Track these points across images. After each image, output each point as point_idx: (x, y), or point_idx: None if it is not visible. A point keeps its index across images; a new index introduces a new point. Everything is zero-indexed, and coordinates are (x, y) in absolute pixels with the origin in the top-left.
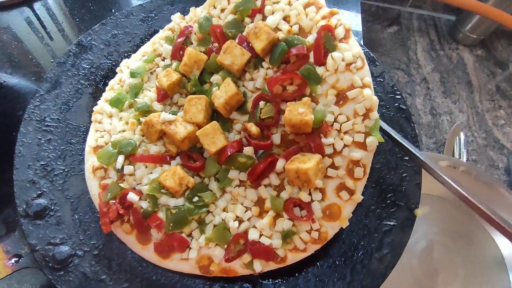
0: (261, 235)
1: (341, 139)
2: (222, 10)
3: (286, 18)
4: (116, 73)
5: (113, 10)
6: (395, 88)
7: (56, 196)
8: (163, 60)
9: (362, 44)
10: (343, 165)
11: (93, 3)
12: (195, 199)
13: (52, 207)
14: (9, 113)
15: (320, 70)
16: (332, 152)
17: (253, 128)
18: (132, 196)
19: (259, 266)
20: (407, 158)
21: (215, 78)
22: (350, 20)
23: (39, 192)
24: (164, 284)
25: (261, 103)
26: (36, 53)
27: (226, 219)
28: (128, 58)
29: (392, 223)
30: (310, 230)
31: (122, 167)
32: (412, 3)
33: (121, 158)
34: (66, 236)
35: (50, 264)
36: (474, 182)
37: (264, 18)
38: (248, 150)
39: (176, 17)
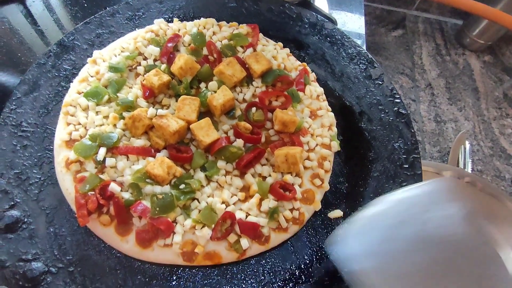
0: (247, 216)
1: (314, 140)
2: (214, 33)
3: (273, 57)
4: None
5: (107, 8)
6: (394, 92)
7: (30, 207)
8: (144, 59)
9: (365, 48)
10: (315, 159)
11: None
12: (182, 186)
13: (25, 219)
14: None
15: (300, 94)
16: (308, 149)
17: (247, 125)
18: (114, 186)
19: (246, 243)
20: (406, 166)
21: (211, 84)
22: (353, 22)
23: (12, 203)
24: None
25: (253, 109)
26: (26, 50)
27: (212, 202)
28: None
29: None
30: (292, 209)
31: (104, 159)
32: (418, 6)
33: (102, 151)
34: (40, 251)
35: (20, 283)
36: (479, 194)
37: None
38: (238, 142)
39: (161, 23)
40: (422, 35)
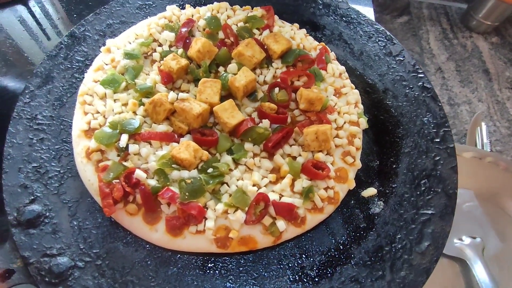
0: (280, 197)
1: (341, 118)
2: (228, 16)
3: (291, 37)
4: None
5: (111, 3)
6: (417, 67)
7: (51, 201)
8: (159, 46)
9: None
10: (345, 137)
11: None
12: (210, 170)
13: (47, 214)
14: (3, 114)
15: (322, 73)
16: (336, 127)
17: (272, 105)
18: (139, 173)
19: (283, 225)
20: (438, 140)
21: (231, 66)
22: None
23: (32, 197)
24: None
25: (276, 89)
26: (32, 51)
27: (243, 185)
28: None
29: (430, 212)
30: (326, 188)
31: (127, 146)
32: None
33: (125, 137)
34: (64, 245)
35: (47, 279)
36: (503, 173)
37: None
38: (265, 123)
39: (174, 9)
40: (427, 20)
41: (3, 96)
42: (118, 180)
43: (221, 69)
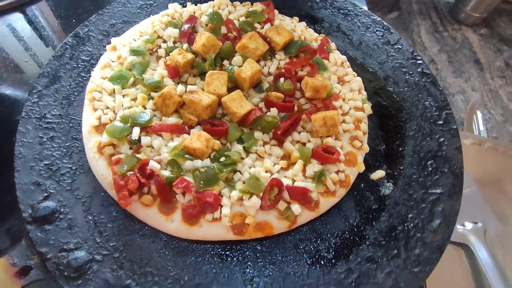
0: (293, 182)
1: (347, 104)
2: (229, 12)
3: (292, 30)
4: None
5: (113, 4)
6: (415, 54)
7: (65, 197)
8: (164, 42)
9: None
10: (351, 122)
11: (89, 2)
12: (222, 159)
13: (62, 209)
14: (6, 119)
15: (325, 62)
16: (342, 113)
17: (279, 94)
18: (153, 164)
19: (298, 208)
20: (441, 122)
21: (236, 59)
22: None
23: (46, 194)
24: (199, 284)
25: (281, 79)
26: (32, 58)
27: (256, 172)
28: None
29: (439, 191)
30: (337, 172)
31: (139, 139)
32: None
33: (137, 130)
34: (81, 240)
35: (66, 273)
36: (502, 157)
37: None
38: (273, 111)
39: (176, 6)
40: (417, 14)
41: (5, 101)
42: (132, 172)
43: (225, 62)
